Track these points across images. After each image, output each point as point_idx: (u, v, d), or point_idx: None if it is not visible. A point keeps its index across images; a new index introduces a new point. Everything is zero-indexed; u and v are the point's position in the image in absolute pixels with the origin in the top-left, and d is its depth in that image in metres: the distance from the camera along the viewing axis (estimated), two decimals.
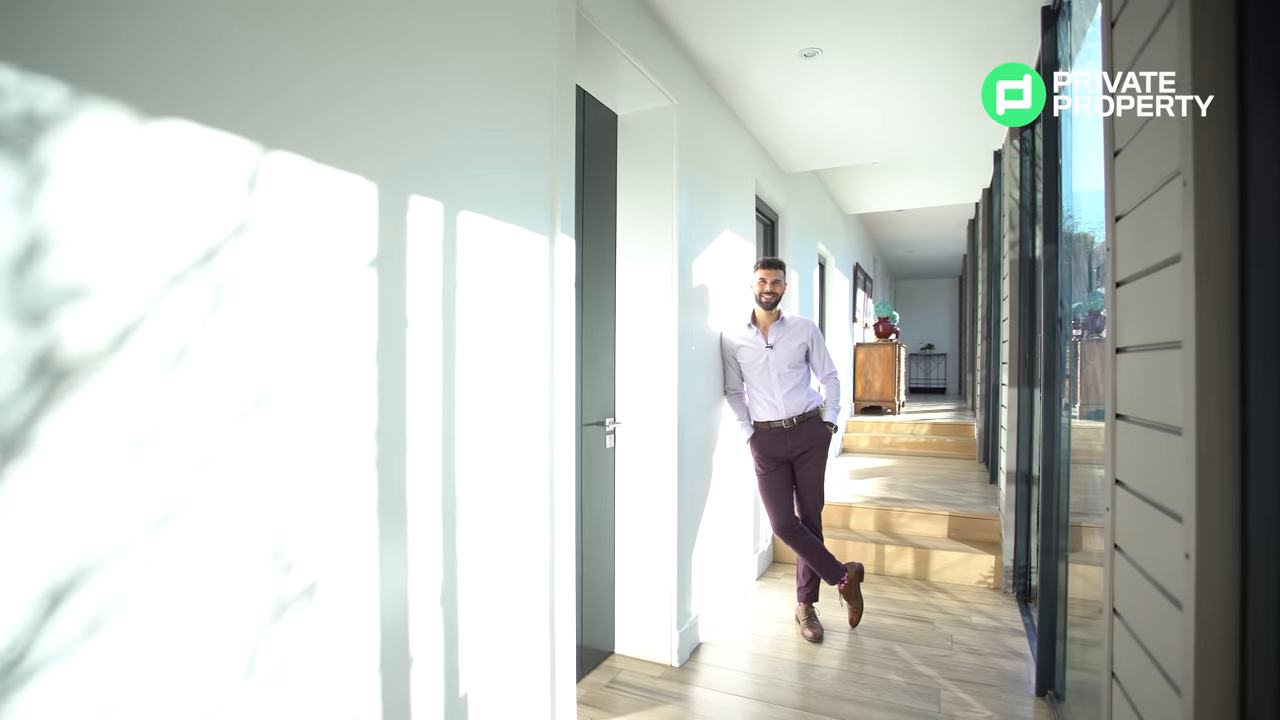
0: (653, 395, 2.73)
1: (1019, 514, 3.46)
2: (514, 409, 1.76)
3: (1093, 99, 1.83)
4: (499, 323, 1.69)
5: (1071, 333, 2.43)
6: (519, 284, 1.78)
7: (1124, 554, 1.22)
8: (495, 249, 1.68)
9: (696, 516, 2.97)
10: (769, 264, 3.05)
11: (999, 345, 4.98)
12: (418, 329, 1.42)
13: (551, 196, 1.90)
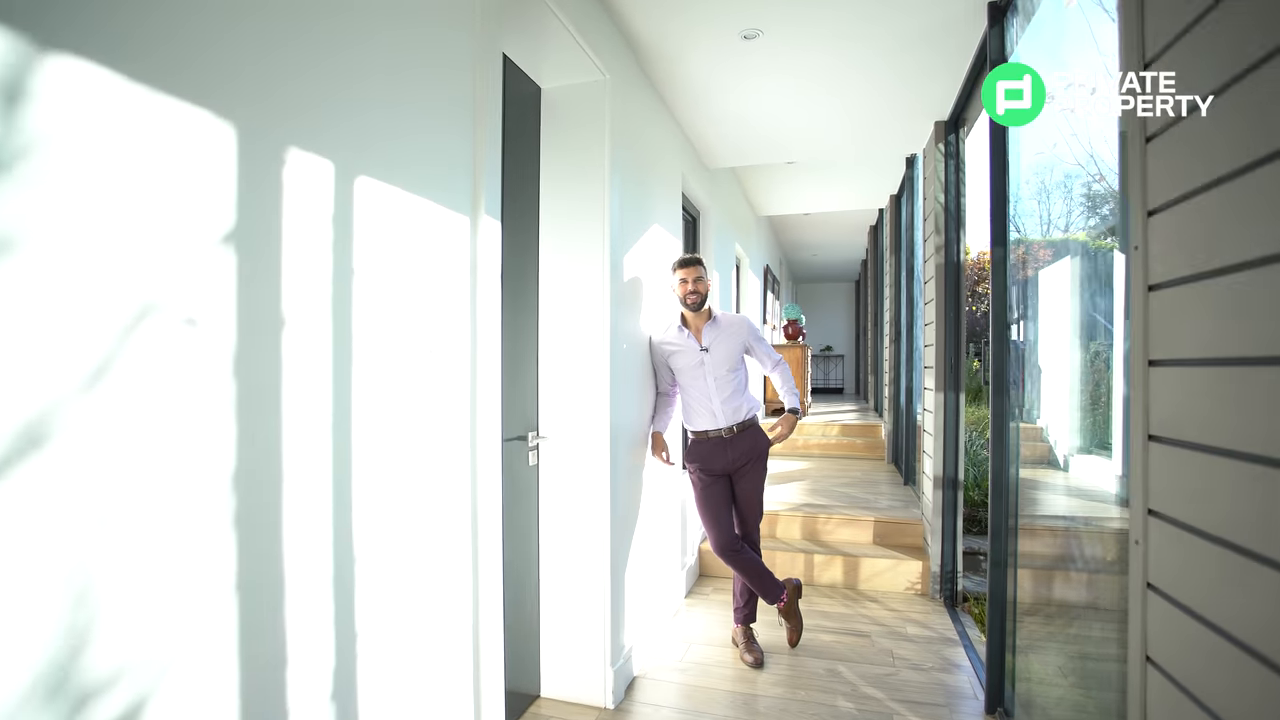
0: (582, 405, 2.43)
1: (945, 519, 3.44)
2: (429, 426, 1.41)
3: (1088, 88, 1.71)
4: (410, 320, 1.34)
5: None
6: (435, 272, 1.43)
7: (1167, 598, 1.05)
8: (404, 227, 1.32)
9: (628, 538, 2.69)
10: (686, 262, 2.80)
11: (912, 349, 5.05)
12: (299, 330, 1.05)
13: (475, 169, 1.56)
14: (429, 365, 1.41)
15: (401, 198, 1.31)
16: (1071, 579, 2.28)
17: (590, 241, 2.40)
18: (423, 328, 1.39)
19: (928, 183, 3.73)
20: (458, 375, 1.52)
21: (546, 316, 2.44)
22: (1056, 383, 2.44)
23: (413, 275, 1.35)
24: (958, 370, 3.41)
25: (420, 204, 1.37)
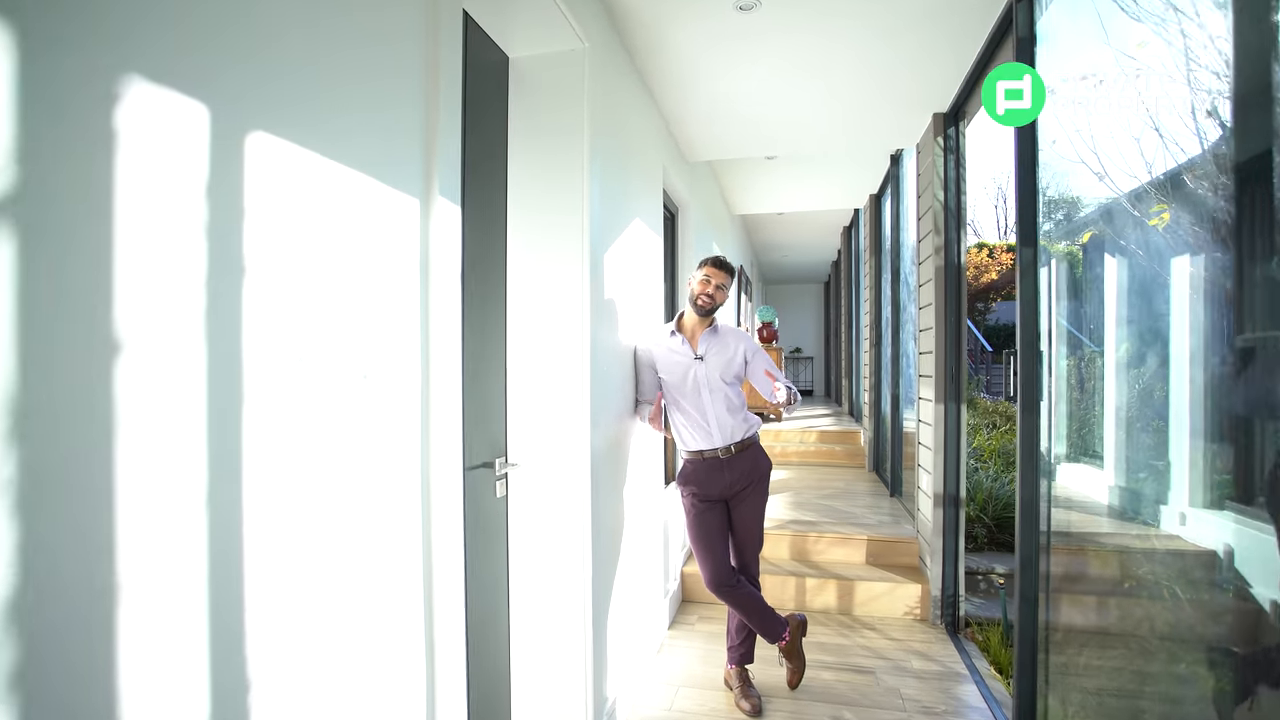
0: (559, 427, 2.10)
1: (946, 540, 3.21)
2: (365, 462, 1.07)
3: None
4: (335, 329, 1.00)
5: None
6: (371, 266, 1.09)
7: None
8: (329, 207, 0.98)
9: (610, 572, 2.37)
10: (719, 264, 2.51)
11: (898, 354, 4.84)
12: (142, 348, 0.70)
13: (427, 142, 1.22)
14: (365, 387, 1.07)
15: (324, 169, 0.97)
16: (1138, 609, 2.02)
17: (567, 237, 2.07)
18: (356, 338, 1.05)
19: (923, 179, 3.50)
20: (404, 395, 1.18)
21: (516, 324, 2.10)
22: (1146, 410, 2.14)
23: (338, 271, 1.01)
24: (959, 380, 3.18)
25: (351, 179, 1.03)
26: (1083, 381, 2.20)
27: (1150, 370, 1.95)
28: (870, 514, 4.31)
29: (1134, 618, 2.01)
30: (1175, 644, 1.77)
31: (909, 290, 4.64)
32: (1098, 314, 2.20)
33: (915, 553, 3.65)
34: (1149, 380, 1.95)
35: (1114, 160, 2.14)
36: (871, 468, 5.93)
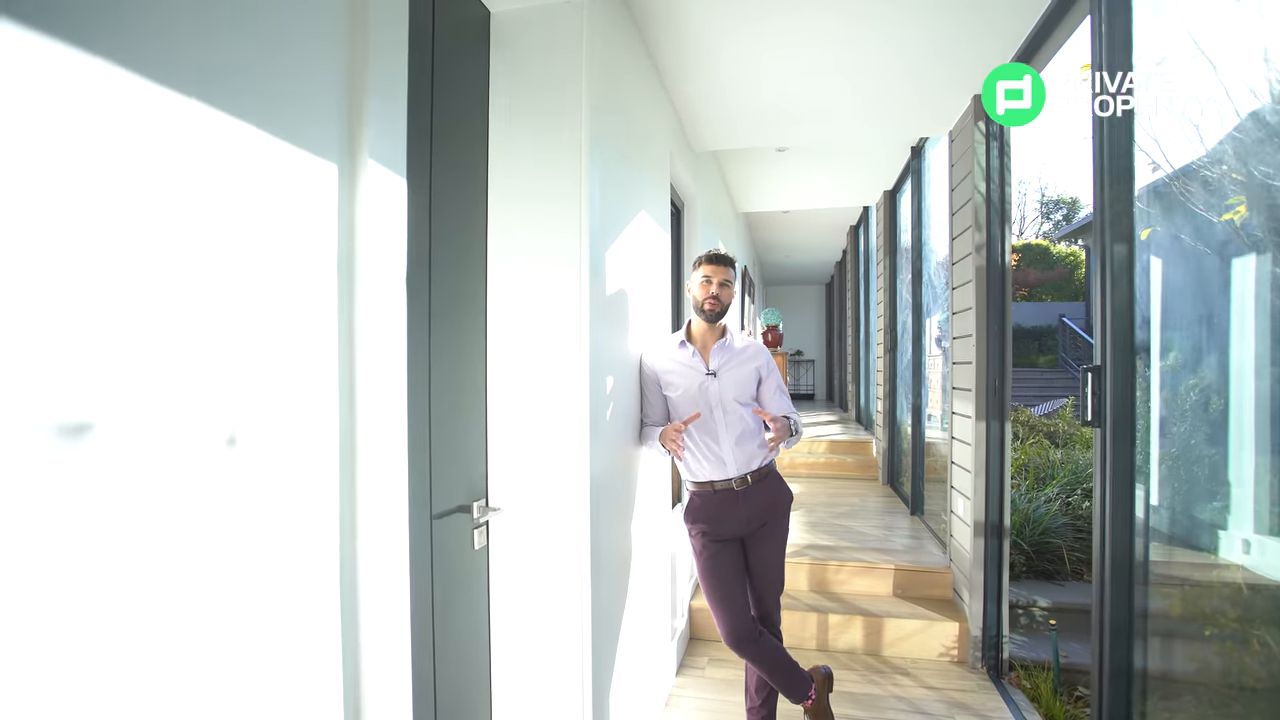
0: (550, 462, 1.74)
1: (988, 574, 2.85)
2: (238, 556, 0.70)
3: None
4: (171, 363, 0.63)
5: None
6: (243, 257, 0.72)
7: None
8: (143, 150, 0.61)
9: (612, 627, 2.00)
10: (716, 259, 2.16)
11: (919, 362, 4.50)
12: None
13: (351, 87, 0.85)
14: (232, 456, 0.71)
15: (149, 97, 0.61)
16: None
17: (562, 231, 1.71)
18: (214, 380, 0.68)
19: (958, 169, 3.15)
20: (310, 450, 0.82)
21: (500, 338, 1.73)
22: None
23: (174, 268, 0.65)
24: (1003, 395, 2.83)
25: (200, 119, 0.67)
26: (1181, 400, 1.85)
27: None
28: (892, 536, 3.96)
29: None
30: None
31: (934, 293, 4.29)
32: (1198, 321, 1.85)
33: (948, 584, 3.30)
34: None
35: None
36: (886, 481, 5.58)
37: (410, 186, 1.30)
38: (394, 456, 0.98)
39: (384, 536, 0.99)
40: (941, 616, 3.06)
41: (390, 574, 1.04)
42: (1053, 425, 5.89)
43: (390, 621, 1.04)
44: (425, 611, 1.43)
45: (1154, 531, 1.87)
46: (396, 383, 0.97)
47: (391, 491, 1.01)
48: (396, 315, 0.95)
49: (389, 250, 0.92)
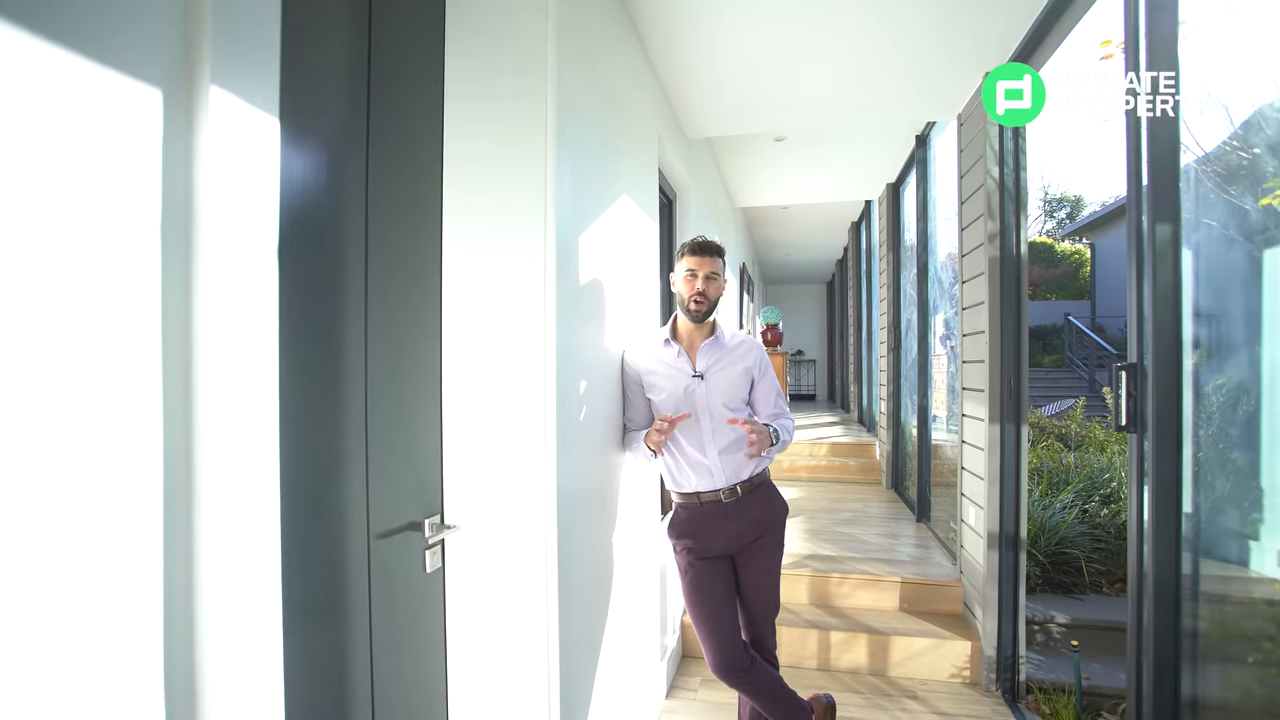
0: (512, 473, 1.53)
1: (1003, 589, 2.64)
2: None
3: None
4: None
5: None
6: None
7: None
8: None
9: (591, 648, 1.79)
10: (701, 248, 1.95)
11: (926, 361, 4.28)
12: None
13: None
14: None
15: None
16: None
17: (523, 210, 1.50)
18: None
19: (969, 154, 2.94)
20: (118, 444, 0.61)
21: (457, 335, 1.52)
22: None
23: None
24: (1019, 396, 2.62)
25: None
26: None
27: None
28: (897, 545, 3.75)
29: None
30: None
31: (941, 289, 4.08)
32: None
33: (958, 598, 3.09)
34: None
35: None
36: (890, 485, 5.36)
37: (313, 139, 1.09)
38: (256, 473, 0.77)
39: (237, 569, 0.78)
40: (952, 634, 2.85)
41: (250, 625, 0.83)
42: (1064, 427, 5.67)
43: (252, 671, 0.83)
44: (360, 646, 1.23)
45: (1194, 544, 1.66)
46: (259, 380, 0.76)
47: (250, 515, 0.80)
48: (260, 295, 0.74)
49: (248, 212, 0.71)
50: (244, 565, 0.76)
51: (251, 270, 0.72)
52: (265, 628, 0.80)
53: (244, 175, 0.70)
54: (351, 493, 1.20)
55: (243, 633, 0.75)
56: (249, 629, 0.77)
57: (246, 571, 0.76)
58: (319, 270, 1.10)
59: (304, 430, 1.05)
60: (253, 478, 0.76)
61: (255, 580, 0.77)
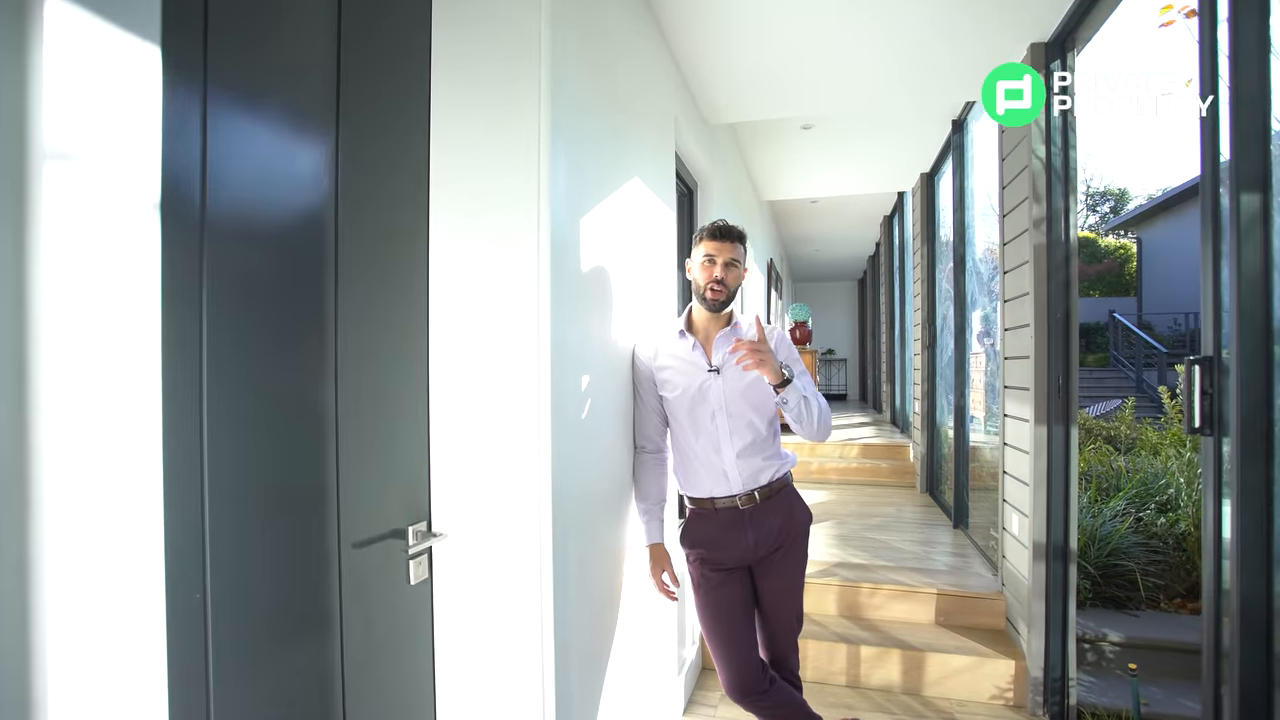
0: (503, 477, 1.40)
1: (1051, 604, 2.43)
2: None
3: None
4: None
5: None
6: None
7: None
8: None
9: (597, 663, 1.65)
10: (720, 233, 1.79)
11: (963, 359, 4.06)
12: None
13: None
14: None
15: None
16: None
17: (511, 187, 1.37)
18: None
19: (1012, 134, 2.72)
20: None
21: (445, 327, 1.40)
22: None
23: None
24: (1068, 395, 2.40)
25: None
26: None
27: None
28: (933, 554, 3.53)
29: None
30: None
31: (980, 282, 3.85)
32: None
33: (999, 612, 2.87)
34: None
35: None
36: (925, 489, 5.12)
37: (264, 104, 0.97)
38: (117, 478, 0.65)
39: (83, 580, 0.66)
40: (993, 651, 2.64)
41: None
42: (1112, 428, 5.35)
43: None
44: (329, 667, 1.10)
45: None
46: (124, 370, 0.63)
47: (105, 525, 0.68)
48: (133, 266, 0.61)
49: (109, 164, 0.58)
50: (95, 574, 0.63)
51: (108, 227, 0.59)
52: (130, 648, 0.67)
53: (110, 116, 0.57)
54: (315, 496, 1.07)
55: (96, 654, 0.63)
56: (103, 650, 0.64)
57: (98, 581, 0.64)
58: (271, 255, 0.98)
59: (249, 428, 0.93)
60: (112, 484, 0.63)
61: (114, 587, 0.65)
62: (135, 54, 0.59)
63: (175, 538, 0.81)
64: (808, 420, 1.67)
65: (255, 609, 0.95)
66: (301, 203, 1.04)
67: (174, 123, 0.82)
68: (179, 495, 0.82)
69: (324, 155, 1.10)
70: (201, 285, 0.86)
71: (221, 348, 0.89)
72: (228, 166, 0.90)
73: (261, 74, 0.97)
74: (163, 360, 0.70)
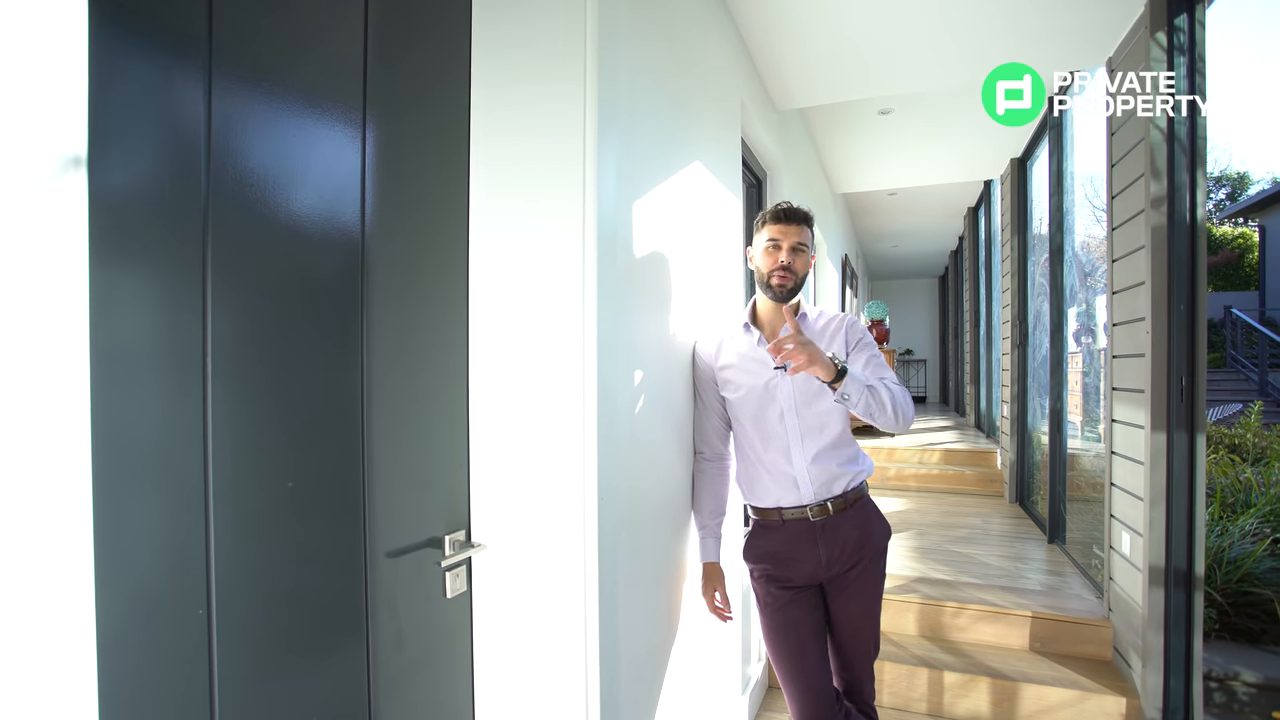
0: (545, 484, 1.29)
1: (1171, 635, 2.13)
2: None
3: None
4: None
5: None
6: None
7: None
8: None
9: (650, 684, 1.53)
10: (785, 215, 1.63)
11: (1060, 358, 3.70)
12: None
13: None
14: None
15: None
16: None
17: (557, 177, 1.26)
18: None
19: (1120, 101, 2.42)
20: None
21: (483, 325, 1.31)
22: None
23: None
24: (1194, 398, 2.10)
25: None
26: None
27: None
28: (1025, 571, 3.23)
29: None
30: None
31: (1079, 273, 3.50)
32: None
33: (1106, 640, 2.57)
34: None
35: None
36: (1015, 499, 4.74)
37: (279, 84, 0.90)
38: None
39: None
40: (1100, 686, 2.35)
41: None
42: (1236, 436, 4.80)
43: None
44: (354, 686, 1.03)
45: None
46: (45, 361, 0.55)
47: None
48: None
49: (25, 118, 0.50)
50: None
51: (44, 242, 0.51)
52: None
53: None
54: (340, 501, 1.00)
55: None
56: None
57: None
58: (294, 252, 0.91)
59: (259, 432, 0.86)
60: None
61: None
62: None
63: (171, 549, 0.75)
64: (880, 411, 1.47)
65: (272, 623, 0.88)
66: (326, 194, 0.97)
67: (173, 105, 0.75)
68: (177, 503, 0.75)
69: (352, 142, 1.02)
70: (206, 280, 0.80)
71: (235, 347, 0.82)
72: (237, 154, 0.83)
73: (278, 50, 0.91)
74: (91, 360, 0.63)
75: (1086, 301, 3.47)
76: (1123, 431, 2.44)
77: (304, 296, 0.93)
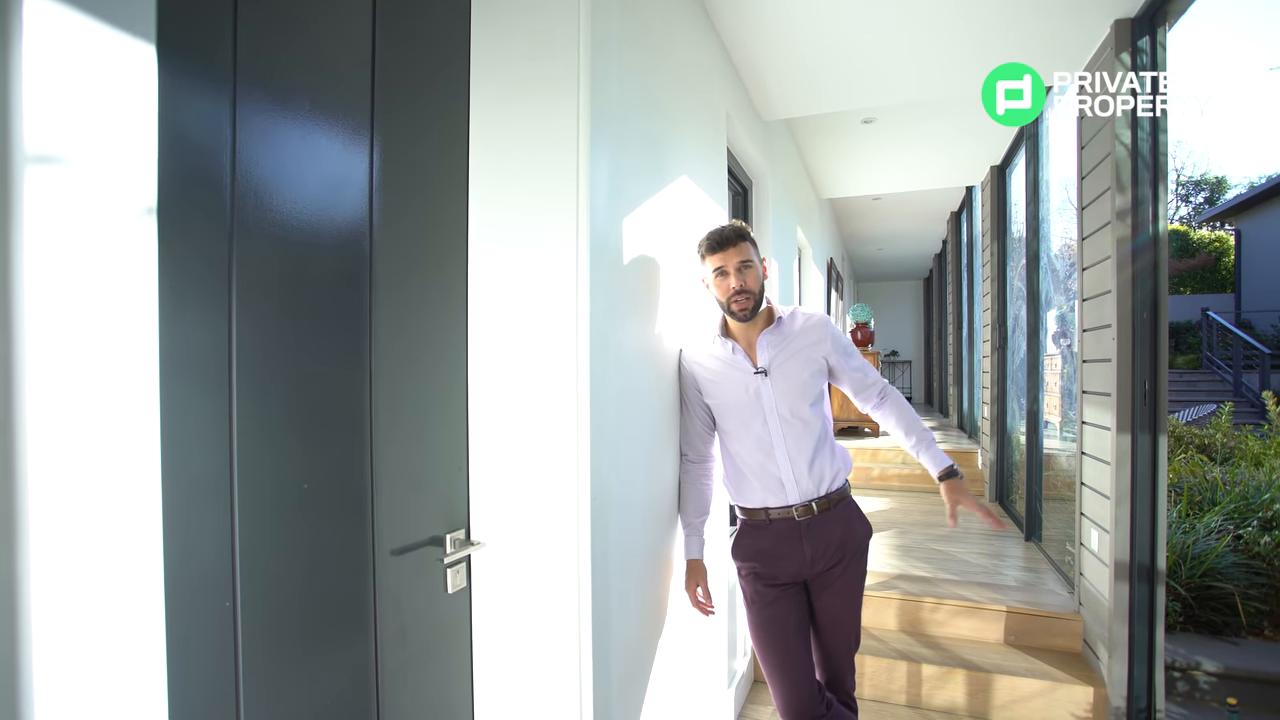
0: (540, 484, 1.37)
1: (1135, 627, 2.24)
2: None
3: None
4: None
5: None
6: None
7: None
8: None
9: (638, 677, 1.61)
10: (720, 242, 1.65)
11: (1036, 361, 3.82)
12: None
13: None
14: None
15: None
16: None
17: (552, 190, 1.34)
18: None
19: (1090, 122, 2.53)
20: None
21: (484, 330, 1.38)
22: None
23: None
24: (1155, 401, 2.21)
25: None
26: None
27: None
28: (1002, 567, 3.34)
29: None
30: None
31: (1056, 280, 3.62)
32: None
33: (1076, 633, 2.68)
34: None
35: None
36: (994, 498, 4.87)
37: (297, 103, 0.96)
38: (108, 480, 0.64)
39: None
40: (1069, 676, 2.46)
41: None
42: (1206, 436, 4.95)
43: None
44: (361, 677, 1.10)
45: None
46: (121, 371, 0.62)
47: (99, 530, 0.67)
48: (137, 272, 0.60)
49: (99, 164, 0.57)
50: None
51: (106, 232, 0.58)
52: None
53: (85, 107, 0.57)
54: (350, 502, 1.07)
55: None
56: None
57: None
58: (306, 258, 0.98)
59: (282, 434, 0.93)
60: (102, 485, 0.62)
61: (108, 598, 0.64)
62: (121, 49, 0.58)
63: (202, 545, 0.81)
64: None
65: (287, 617, 0.94)
66: (337, 204, 1.04)
67: (199, 122, 0.82)
68: (203, 500, 0.82)
69: (360, 155, 1.09)
70: (231, 287, 0.86)
71: (255, 353, 0.89)
72: (259, 167, 0.90)
73: (294, 71, 0.97)
74: (162, 364, 0.70)
75: (1064, 306, 3.59)
76: (1092, 433, 2.55)
77: (316, 303, 1.00)
